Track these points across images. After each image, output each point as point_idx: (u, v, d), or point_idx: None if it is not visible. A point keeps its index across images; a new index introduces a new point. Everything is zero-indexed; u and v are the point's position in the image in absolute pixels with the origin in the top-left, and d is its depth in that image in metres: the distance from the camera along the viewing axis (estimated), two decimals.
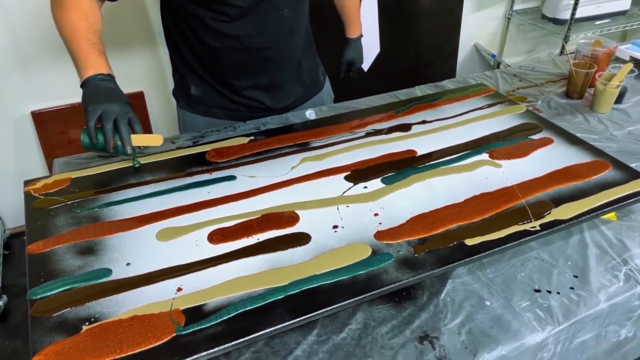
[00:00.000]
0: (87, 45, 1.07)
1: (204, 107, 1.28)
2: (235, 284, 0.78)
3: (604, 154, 1.09)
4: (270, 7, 1.13)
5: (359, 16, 1.49)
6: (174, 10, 1.16)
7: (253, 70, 1.21)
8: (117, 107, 1.00)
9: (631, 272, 0.87)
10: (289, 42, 1.23)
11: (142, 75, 2.09)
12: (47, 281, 0.78)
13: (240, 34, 1.14)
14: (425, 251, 0.83)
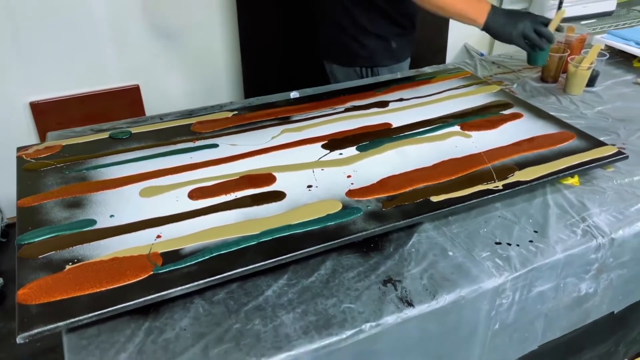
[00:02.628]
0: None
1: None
2: (211, 232, 0.83)
3: (570, 126, 1.14)
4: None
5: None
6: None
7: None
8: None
9: (589, 228, 0.92)
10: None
11: (138, 69, 2.15)
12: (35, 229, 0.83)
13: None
14: (392, 206, 0.88)
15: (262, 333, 0.72)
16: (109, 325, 0.72)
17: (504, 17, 1.25)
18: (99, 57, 2.07)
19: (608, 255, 0.93)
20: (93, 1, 1.96)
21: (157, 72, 2.18)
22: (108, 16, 2.00)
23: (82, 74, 2.07)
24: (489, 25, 1.25)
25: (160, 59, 2.16)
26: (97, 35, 2.02)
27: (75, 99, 2.11)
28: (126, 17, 2.04)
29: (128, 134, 1.11)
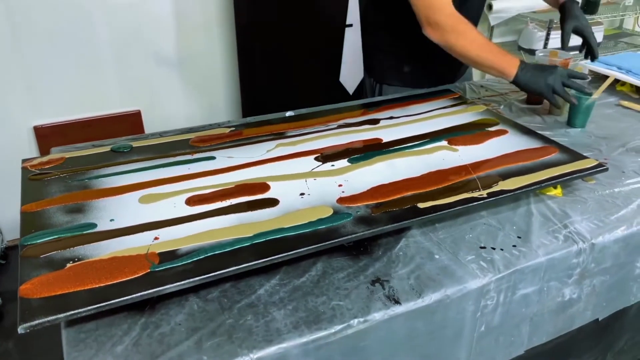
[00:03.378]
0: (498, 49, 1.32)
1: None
2: (206, 234, 0.87)
3: (553, 141, 1.20)
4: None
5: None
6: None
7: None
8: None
9: (570, 234, 0.96)
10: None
11: (140, 95, 2.22)
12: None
13: None
14: (381, 212, 0.92)
15: (253, 327, 0.75)
16: (106, 320, 0.75)
17: (533, 71, 1.28)
18: (102, 82, 2.14)
19: (589, 261, 0.96)
20: (98, 29, 2.04)
21: (157, 98, 2.25)
22: (111, 43, 2.08)
23: (85, 99, 2.14)
24: (519, 79, 1.28)
25: (161, 84, 2.23)
26: (100, 62, 2.10)
27: (78, 123, 2.17)
28: (129, 44, 2.12)
29: (129, 148, 1.16)
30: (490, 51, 1.30)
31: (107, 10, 2.02)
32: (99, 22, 2.03)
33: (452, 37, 1.28)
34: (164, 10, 2.12)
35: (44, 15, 1.92)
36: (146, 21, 2.10)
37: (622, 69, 1.66)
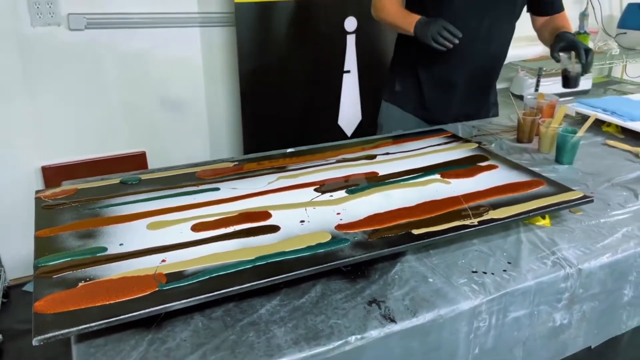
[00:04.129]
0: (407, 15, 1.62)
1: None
2: (211, 257, 0.91)
3: (541, 175, 1.26)
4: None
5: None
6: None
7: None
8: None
9: (558, 260, 1.00)
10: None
11: (145, 136, 2.30)
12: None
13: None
14: (377, 237, 0.97)
15: (255, 343, 0.78)
16: (115, 336, 0.79)
17: (423, 25, 1.53)
18: (109, 124, 2.22)
19: (577, 286, 1.00)
20: (107, 74, 2.14)
21: (162, 139, 2.32)
22: (119, 88, 2.18)
23: (92, 140, 2.21)
24: (416, 32, 1.55)
25: (166, 126, 2.32)
26: (108, 105, 2.19)
27: (84, 164, 2.24)
28: (136, 88, 2.21)
29: (137, 180, 1.22)
30: (401, 16, 1.62)
31: (117, 57, 2.13)
32: (109, 68, 2.13)
33: (378, 13, 1.70)
34: (170, 58, 2.23)
35: (56, 60, 2.02)
36: (153, 67, 2.21)
37: (607, 110, 1.75)
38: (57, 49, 2.01)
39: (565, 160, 1.43)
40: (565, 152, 1.43)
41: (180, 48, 2.23)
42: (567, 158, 1.43)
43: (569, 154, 1.43)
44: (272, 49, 2.26)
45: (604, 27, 3.11)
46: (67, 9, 1.97)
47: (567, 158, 1.43)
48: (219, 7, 2.23)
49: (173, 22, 2.17)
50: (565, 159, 1.43)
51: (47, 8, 1.93)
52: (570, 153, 1.43)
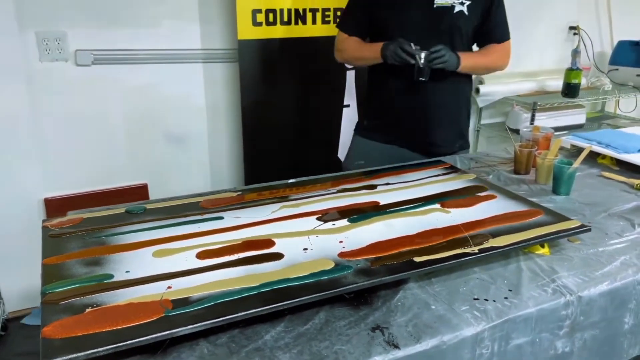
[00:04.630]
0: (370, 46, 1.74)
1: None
2: (216, 284, 0.92)
3: (539, 205, 1.28)
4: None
5: (472, 58, 1.72)
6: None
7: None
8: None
9: (558, 287, 1.02)
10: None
11: (147, 169, 2.33)
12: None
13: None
14: (380, 265, 0.99)
15: None
16: None
17: (385, 46, 1.62)
18: (112, 157, 2.25)
19: (578, 313, 1.01)
20: (111, 109, 2.18)
21: (164, 171, 2.35)
22: (123, 122, 2.22)
23: (95, 173, 2.24)
24: (383, 56, 1.64)
25: (168, 159, 2.35)
26: (112, 138, 2.22)
27: (86, 196, 2.26)
28: (140, 123, 2.25)
29: (143, 209, 1.24)
30: (368, 49, 1.72)
31: (122, 92, 2.17)
32: (114, 102, 2.18)
33: (342, 54, 1.83)
34: (174, 92, 2.28)
35: (62, 94, 2.07)
36: (157, 102, 2.25)
37: (602, 143, 1.79)
38: (64, 84, 2.06)
39: (562, 190, 1.46)
40: (562, 182, 1.45)
41: (184, 83, 2.28)
42: (564, 189, 1.46)
43: (565, 185, 1.46)
44: (274, 84, 2.31)
45: (596, 63, 3.19)
46: (75, 46, 2.02)
47: (564, 189, 1.46)
48: (222, 44, 2.30)
49: (177, 58, 2.23)
50: (562, 189, 1.46)
51: (55, 44, 1.99)
52: (567, 184, 1.46)
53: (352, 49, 1.79)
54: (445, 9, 1.65)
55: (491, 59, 1.77)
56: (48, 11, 1.96)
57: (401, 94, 1.74)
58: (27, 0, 1.92)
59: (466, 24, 1.68)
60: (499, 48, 1.76)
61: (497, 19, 1.73)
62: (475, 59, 1.74)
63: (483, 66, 1.79)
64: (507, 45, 1.79)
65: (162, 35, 2.17)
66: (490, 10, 1.70)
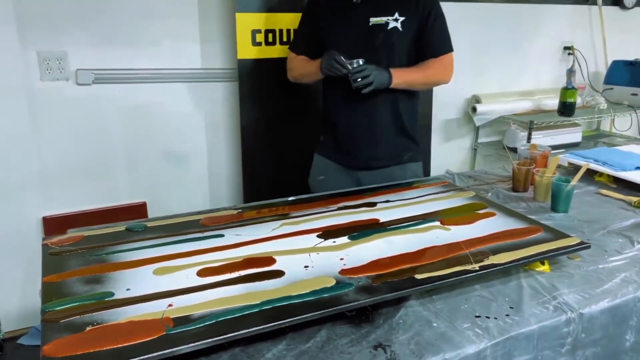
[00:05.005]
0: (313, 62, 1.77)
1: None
2: (217, 301, 0.92)
3: (538, 222, 1.29)
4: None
5: (406, 73, 1.69)
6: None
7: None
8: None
9: (559, 304, 1.02)
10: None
11: (146, 187, 2.33)
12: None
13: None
14: (381, 282, 0.99)
15: None
16: None
17: (322, 59, 1.65)
18: (112, 176, 2.25)
19: (579, 330, 1.01)
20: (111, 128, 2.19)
21: (163, 190, 2.35)
22: (123, 140, 2.22)
23: (94, 191, 2.23)
24: (321, 69, 1.66)
25: (167, 178, 2.35)
26: (111, 157, 2.22)
27: (85, 214, 2.25)
28: (139, 141, 2.25)
29: (143, 227, 1.24)
30: (310, 65, 1.76)
31: (122, 111, 2.18)
32: (114, 121, 2.18)
33: (293, 72, 1.88)
34: (174, 111, 2.29)
35: (63, 113, 2.07)
36: (157, 121, 2.26)
37: (599, 161, 1.80)
38: (65, 103, 2.07)
39: (560, 208, 1.47)
40: (561, 200, 1.46)
41: (184, 102, 2.30)
42: (563, 206, 1.47)
43: (564, 202, 1.46)
44: (273, 103, 2.33)
45: (590, 83, 3.23)
46: (76, 65, 2.04)
47: (562, 206, 1.47)
48: (222, 63, 2.32)
49: (177, 78, 2.25)
50: (560, 207, 1.47)
51: (56, 64, 2.00)
52: (565, 201, 1.47)
53: (299, 66, 1.85)
54: (380, 26, 1.67)
55: (427, 73, 1.74)
56: (50, 31, 1.98)
57: (341, 110, 1.78)
58: (29, 20, 1.94)
59: (400, 40, 1.69)
60: (437, 62, 1.73)
61: (435, 33, 1.72)
62: (410, 74, 1.71)
63: (419, 82, 1.75)
64: (446, 58, 1.76)
65: (163, 54, 2.19)
66: (426, 24, 1.70)
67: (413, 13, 1.68)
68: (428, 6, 1.70)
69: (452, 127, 3.02)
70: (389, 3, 1.68)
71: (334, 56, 1.60)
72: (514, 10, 2.96)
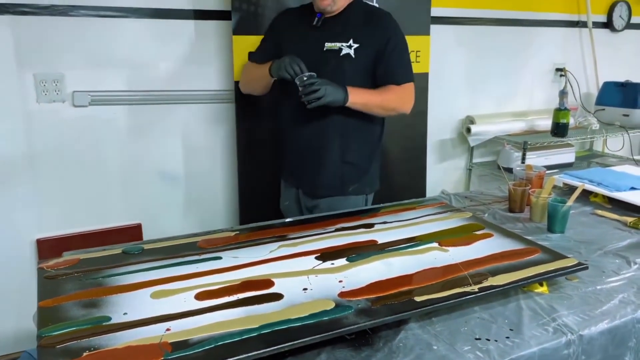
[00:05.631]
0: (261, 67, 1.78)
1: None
2: (216, 325, 0.91)
3: (535, 243, 1.29)
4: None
5: (364, 93, 1.66)
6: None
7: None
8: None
9: (559, 326, 1.02)
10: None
11: (141, 209, 2.32)
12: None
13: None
14: (380, 305, 0.98)
15: None
16: None
17: (276, 62, 1.66)
18: (107, 198, 2.24)
19: (580, 352, 1.01)
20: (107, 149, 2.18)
21: (158, 211, 2.34)
22: (119, 162, 2.22)
23: (89, 213, 2.22)
24: (270, 71, 1.69)
25: (162, 199, 2.34)
26: (106, 179, 2.21)
27: (79, 236, 2.24)
28: (135, 164, 2.25)
29: (140, 250, 1.23)
30: (257, 69, 1.79)
31: (118, 132, 2.18)
32: (109, 142, 2.18)
33: (240, 80, 1.92)
34: (170, 133, 2.29)
35: (58, 134, 2.07)
36: (153, 142, 2.26)
37: (594, 182, 1.82)
38: (60, 124, 2.06)
39: (557, 229, 1.47)
40: (557, 221, 1.47)
41: (180, 124, 2.30)
42: (559, 227, 1.47)
43: (560, 223, 1.47)
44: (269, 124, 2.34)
45: (582, 104, 3.27)
46: (72, 87, 2.04)
47: (558, 227, 1.47)
48: (218, 85, 2.33)
49: (174, 99, 2.26)
50: (557, 227, 1.47)
51: (53, 86, 2.01)
52: (562, 222, 1.47)
53: (248, 71, 1.86)
54: (333, 51, 1.68)
55: (385, 97, 1.70)
56: (46, 53, 1.98)
57: (290, 131, 1.78)
58: (26, 43, 1.95)
59: (352, 67, 1.68)
60: (397, 89, 1.71)
61: (393, 62, 1.70)
62: (368, 95, 1.67)
63: (377, 104, 1.69)
64: (407, 87, 1.73)
65: (159, 76, 2.20)
66: (384, 52, 1.69)
67: (369, 41, 1.69)
68: (387, 34, 1.70)
69: (446, 147, 3.04)
70: (345, 30, 1.70)
71: (297, 60, 1.59)
72: (507, 33, 3.01)
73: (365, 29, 1.70)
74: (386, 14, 1.77)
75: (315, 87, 1.55)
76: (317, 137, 1.73)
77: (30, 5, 1.92)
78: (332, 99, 1.58)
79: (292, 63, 1.59)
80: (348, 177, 1.77)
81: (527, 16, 3.05)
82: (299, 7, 1.87)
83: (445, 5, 2.75)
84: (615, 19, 3.35)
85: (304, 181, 1.80)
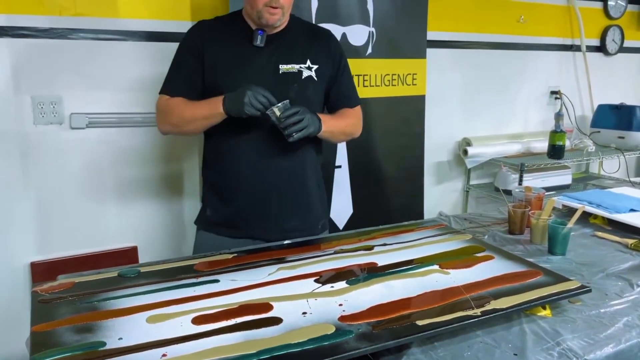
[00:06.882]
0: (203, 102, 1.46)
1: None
2: (213, 351, 0.89)
3: (537, 265, 1.28)
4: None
5: (332, 120, 1.53)
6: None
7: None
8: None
9: (564, 350, 0.99)
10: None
11: (137, 231, 2.29)
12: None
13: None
14: (382, 329, 0.96)
15: None
16: None
17: (233, 96, 1.36)
18: (103, 220, 2.22)
19: None
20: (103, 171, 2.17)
21: (155, 233, 2.32)
22: (115, 184, 2.20)
23: (85, 236, 2.19)
24: (227, 109, 1.37)
25: (159, 221, 2.32)
26: (102, 201, 2.20)
27: (74, 260, 2.21)
28: (132, 186, 2.24)
29: (136, 273, 1.21)
30: (193, 107, 1.45)
31: (115, 154, 2.17)
32: (106, 164, 2.17)
33: (163, 118, 1.52)
34: (167, 156, 2.28)
35: (55, 157, 2.06)
36: (150, 164, 2.25)
37: (593, 203, 1.81)
38: (57, 147, 2.05)
39: (558, 250, 1.46)
40: (558, 242, 1.46)
41: (177, 146, 2.29)
42: (560, 249, 1.46)
43: (561, 245, 1.46)
44: None
45: (578, 126, 3.29)
46: (70, 109, 2.04)
47: (559, 249, 1.46)
48: None
49: None
50: (557, 249, 1.46)
51: (50, 108, 2.00)
52: (562, 244, 1.46)
53: (177, 111, 1.47)
54: (293, 74, 1.49)
55: (348, 122, 1.60)
56: (44, 76, 1.99)
57: (249, 174, 1.50)
58: (24, 65, 1.95)
59: (316, 90, 1.54)
60: (352, 112, 1.62)
61: (346, 84, 1.61)
62: (334, 122, 1.54)
63: (341, 131, 1.59)
64: (358, 111, 1.66)
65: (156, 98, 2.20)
66: (338, 74, 1.58)
67: (325, 61, 1.55)
68: (338, 55, 1.59)
69: (443, 169, 3.05)
70: (296, 48, 1.52)
71: (259, 90, 1.35)
72: (502, 56, 3.05)
73: (316, 48, 1.54)
74: (329, 31, 1.64)
75: (299, 117, 1.36)
76: (295, 173, 1.54)
77: (29, 28, 1.93)
78: (314, 129, 1.41)
79: (255, 95, 1.34)
80: (321, 213, 1.65)
81: (522, 40, 3.09)
82: (214, 20, 1.57)
83: (442, 29, 2.78)
84: (609, 43, 3.40)
85: (265, 228, 1.53)
